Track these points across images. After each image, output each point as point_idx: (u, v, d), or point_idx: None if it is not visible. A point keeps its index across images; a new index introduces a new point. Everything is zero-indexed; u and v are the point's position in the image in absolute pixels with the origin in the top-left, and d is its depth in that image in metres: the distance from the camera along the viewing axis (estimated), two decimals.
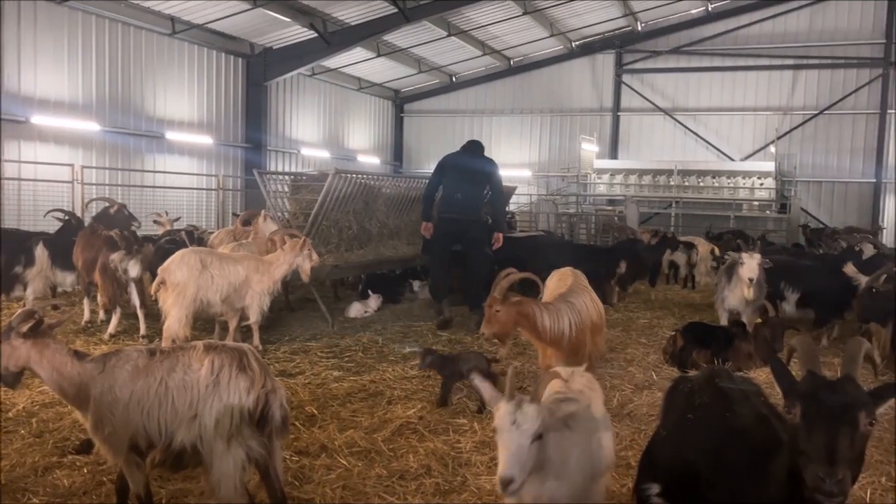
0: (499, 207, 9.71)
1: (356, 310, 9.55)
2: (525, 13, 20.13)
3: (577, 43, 24.15)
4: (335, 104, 23.60)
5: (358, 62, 21.84)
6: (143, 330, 7.74)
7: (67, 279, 8.84)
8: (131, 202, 12.32)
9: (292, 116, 21.61)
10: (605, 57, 24.03)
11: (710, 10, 22.43)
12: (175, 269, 6.78)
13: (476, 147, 9.33)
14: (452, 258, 9.31)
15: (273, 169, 19.56)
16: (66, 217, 9.71)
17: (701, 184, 20.85)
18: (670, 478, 2.83)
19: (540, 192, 23.03)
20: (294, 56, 18.96)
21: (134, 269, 7.67)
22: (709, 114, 22.89)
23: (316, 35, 17.92)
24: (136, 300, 7.84)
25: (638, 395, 6.14)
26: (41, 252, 8.59)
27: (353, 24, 18.31)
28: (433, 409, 5.57)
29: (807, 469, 2.11)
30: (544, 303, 5.46)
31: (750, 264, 7.76)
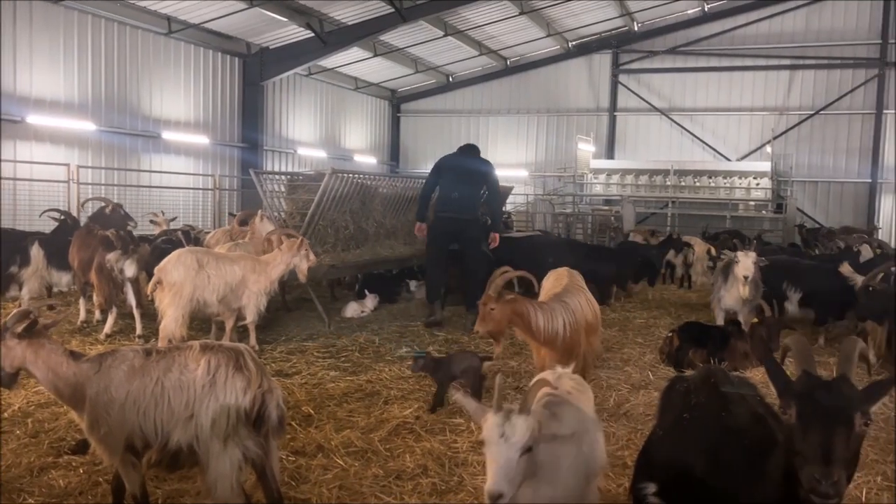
0: (495, 207, 9.82)
1: (353, 310, 9.56)
2: (522, 13, 20.14)
3: (574, 43, 24.17)
4: (332, 104, 23.57)
5: (354, 62, 21.84)
6: (139, 330, 7.72)
7: (63, 279, 8.82)
8: (127, 202, 12.30)
9: (289, 116, 21.58)
10: (602, 57, 24.05)
11: (707, 10, 22.46)
12: (171, 268, 6.76)
13: (472, 149, 9.43)
14: (449, 258, 9.32)
15: (269, 169, 19.53)
16: (61, 217, 9.70)
17: (697, 184, 20.87)
18: (667, 477, 2.83)
19: (536, 192, 23.07)
20: (290, 56, 18.94)
21: (130, 268, 7.65)
22: (705, 114, 22.92)
23: (312, 35, 17.89)
24: (132, 300, 7.82)
25: (634, 394, 6.15)
26: (37, 252, 8.57)
27: (349, 23, 18.30)
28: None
29: (802, 470, 2.12)
30: (539, 302, 5.46)
31: (745, 262, 7.78)
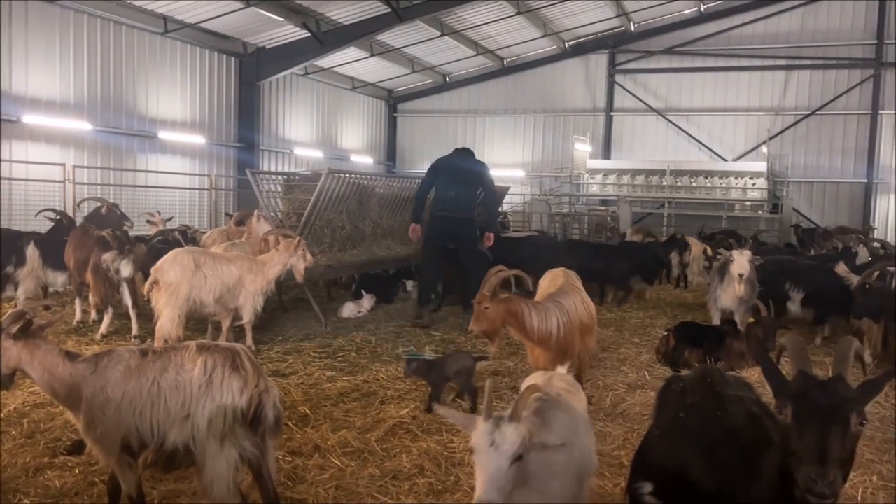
0: (491, 208, 9.89)
1: (349, 310, 9.55)
2: (518, 13, 20.16)
3: (571, 43, 24.19)
4: (328, 104, 23.56)
5: (351, 62, 21.83)
6: (135, 330, 7.71)
7: (59, 279, 8.78)
8: (123, 202, 12.27)
9: (285, 116, 21.57)
10: (598, 57, 24.08)
11: (703, 10, 22.50)
12: (168, 268, 6.75)
13: (466, 152, 9.48)
14: (445, 258, 9.30)
15: (266, 169, 19.50)
16: (57, 217, 9.67)
17: (693, 184, 20.89)
18: (663, 477, 2.84)
19: (533, 193, 23.07)
20: (287, 55, 18.92)
21: (126, 268, 7.63)
22: (701, 114, 22.96)
23: (309, 34, 17.88)
24: (128, 300, 7.82)
25: (631, 394, 6.16)
26: (32, 252, 8.54)
27: (346, 23, 18.28)
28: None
29: (798, 470, 2.12)
30: (533, 301, 5.46)
31: (740, 260, 7.80)
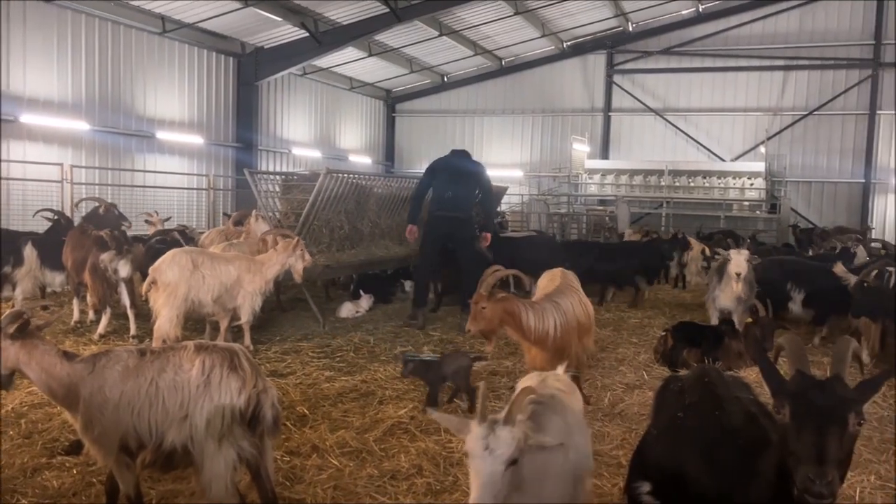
0: (489, 208, 9.90)
1: (347, 310, 9.54)
2: (516, 13, 20.17)
3: (569, 43, 24.21)
4: (326, 104, 23.55)
5: (349, 62, 21.82)
6: (133, 330, 7.71)
7: (57, 279, 8.78)
8: (121, 202, 12.24)
9: (283, 116, 21.56)
10: (597, 57, 24.12)
11: (701, 10, 22.53)
12: (166, 268, 6.74)
13: (463, 153, 9.48)
14: (442, 258, 9.29)
15: (264, 169, 19.50)
16: (55, 217, 9.65)
17: (691, 184, 20.94)
18: (661, 476, 2.84)
19: (531, 192, 23.08)
20: (285, 55, 18.92)
21: (124, 268, 7.63)
22: (699, 114, 22.98)
23: (307, 34, 17.88)
24: (125, 300, 7.81)
25: (629, 394, 6.16)
26: (30, 252, 8.53)
27: (344, 23, 18.28)
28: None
29: (796, 469, 2.12)
30: (530, 301, 5.45)
31: (738, 259, 7.82)
